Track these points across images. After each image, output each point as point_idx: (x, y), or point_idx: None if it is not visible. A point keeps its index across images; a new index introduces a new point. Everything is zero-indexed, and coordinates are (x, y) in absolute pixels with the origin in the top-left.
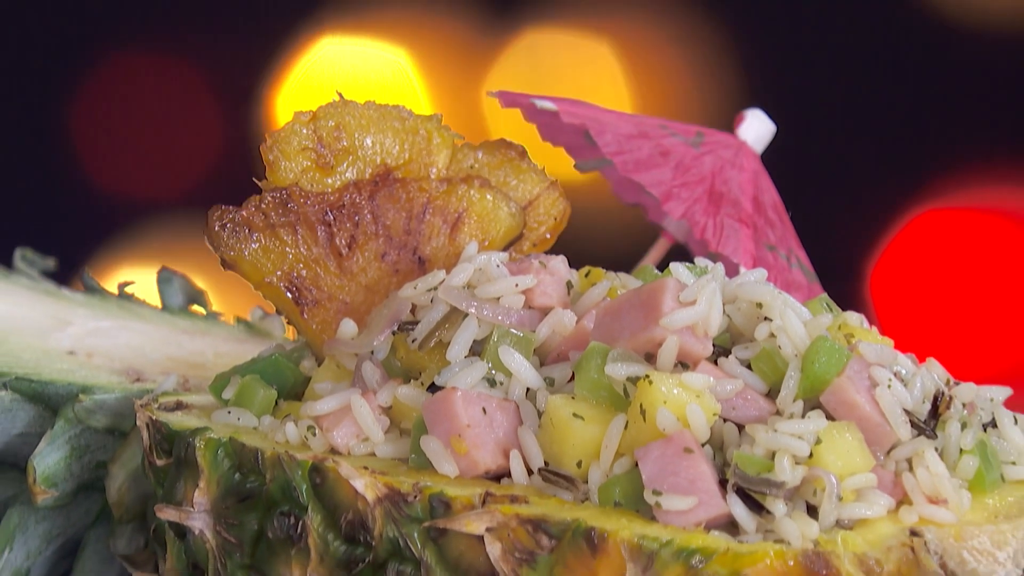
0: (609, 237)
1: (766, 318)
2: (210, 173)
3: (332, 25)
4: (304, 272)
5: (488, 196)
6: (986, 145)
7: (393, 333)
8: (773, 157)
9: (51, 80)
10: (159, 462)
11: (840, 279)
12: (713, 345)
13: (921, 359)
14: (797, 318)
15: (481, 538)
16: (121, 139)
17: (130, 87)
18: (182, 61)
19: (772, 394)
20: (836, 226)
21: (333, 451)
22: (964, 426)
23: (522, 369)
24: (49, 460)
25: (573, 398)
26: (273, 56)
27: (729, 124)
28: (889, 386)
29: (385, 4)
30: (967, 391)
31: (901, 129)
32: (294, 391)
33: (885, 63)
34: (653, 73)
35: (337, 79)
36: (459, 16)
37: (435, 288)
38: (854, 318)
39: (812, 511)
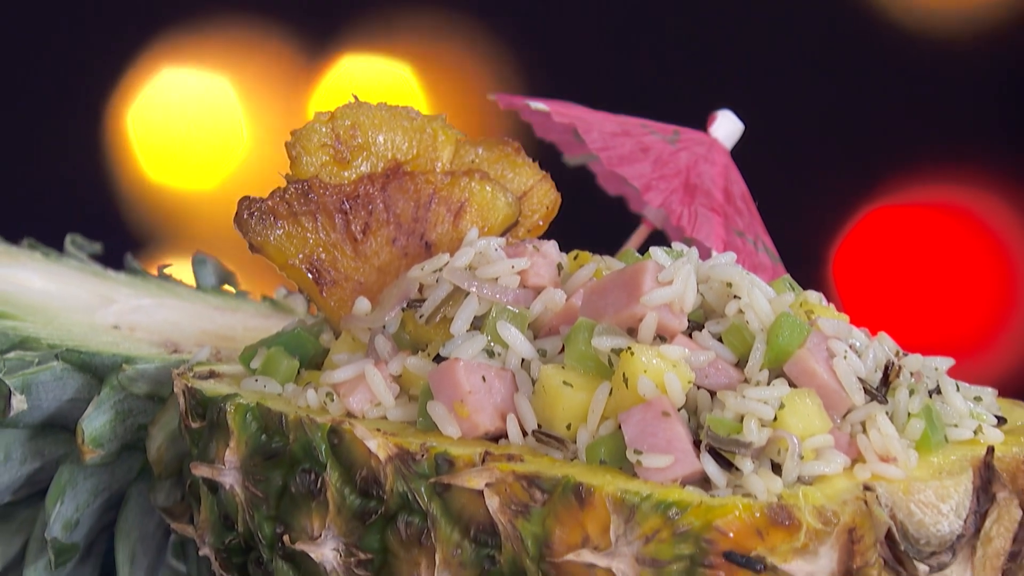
0: (595, 224)
1: (735, 296)
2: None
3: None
4: (323, 255)
5: (487, 187)
6: (930, 150)
7: (403, 310)
8: (742, 153)
9: (112, 87)
10: (194, 425)
11: (804, 263)
12: (688, 320)
13: (873, 333)
14: (763, 296)
15: (481, 492)
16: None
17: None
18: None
19: (741, 364)
20: (800, 216)
21: (349, 415)
22: (912, 392)
23: (517, 342)
24: (96, 423)
25: (563, 367)
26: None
27: (702, 123)
28: (845, 357)
29: None
30: (914, 361)
31: (858, 134)
32: (314, 361)
33: (844, 73)
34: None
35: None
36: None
37: (440, 269)
38: (814, 296)
39: (776, 468)
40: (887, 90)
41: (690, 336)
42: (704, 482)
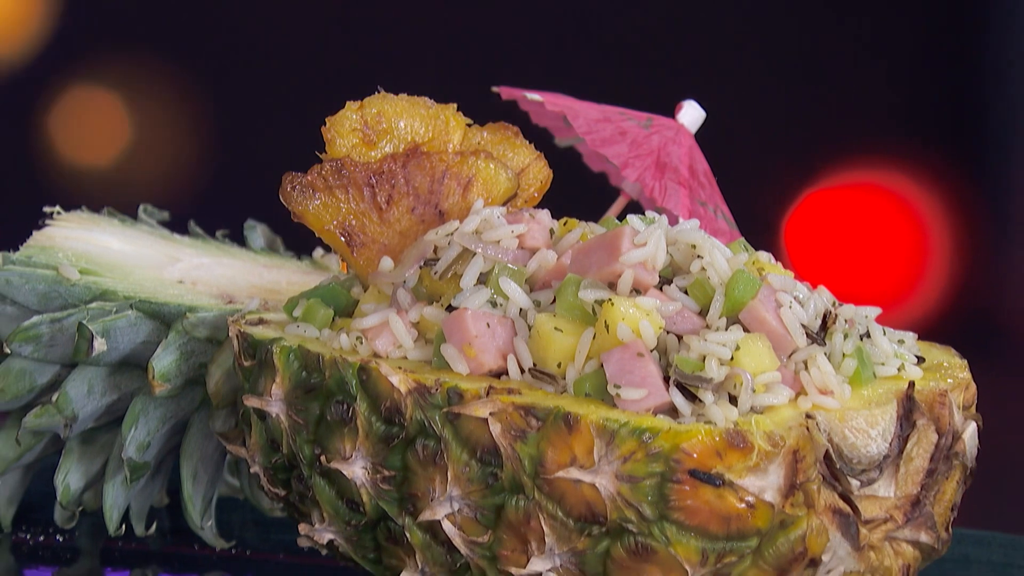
0: (581, 196)
1: (699, 256)
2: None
3: None
4: (354, 222)
5: (491, 165)
6: (858, 145)
7: (420, 267)
8: (705, 138)
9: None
10: (246, 363)
11: (758, 231)
12: (659, 276)
13: (814, 287)
14: (722, 256)
15: (486, 420)
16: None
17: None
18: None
19: (703, 313)
20: (753, 192)
21: (375, 355)
22: (846, 336)
23: (516, 294)
24: (164, 362)
25: (554, 316)
26: None
27: (671, 111)
28: (790, 306)
29: None
30: (848, 310)
31: (802, 128)
32: (346, 311)
33: (792, 77)
34: None
35: None
36: None
37: (451, 234)
38: (764, 256)
39: (733, 400)
40: (825, 94)
41: (660, 289)
42: (672, 411)
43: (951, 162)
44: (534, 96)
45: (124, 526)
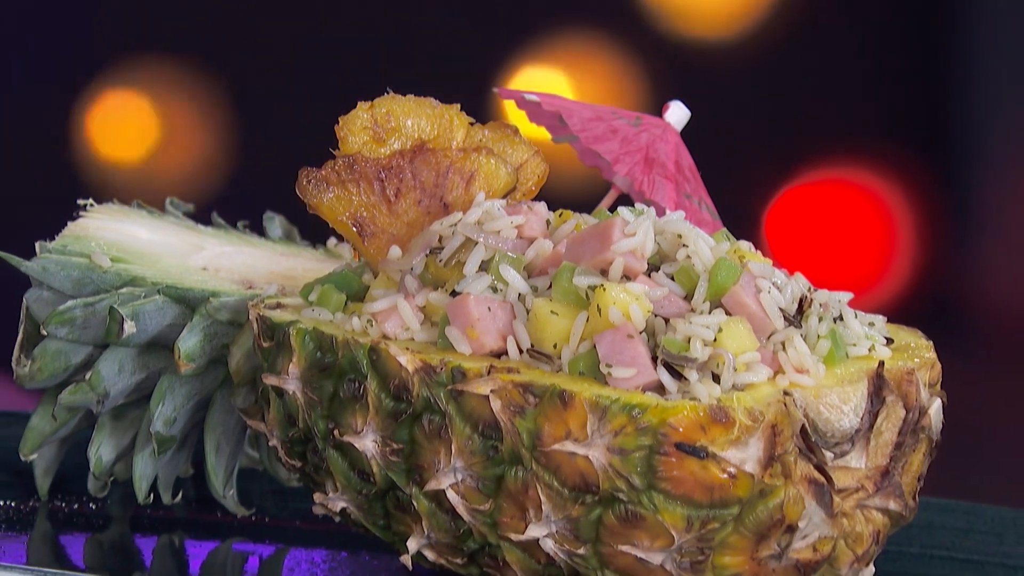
0: (575, 189)
1: (684, 245)
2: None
3: None
4: (365, 214)
5: (492, 160)
6: (832, 144)
7: (426, 255)
8: (690, 136)
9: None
10: (265, 344)
11: (740, 223)
12: (647, 263)
13: (791, 273)
14: (705, 245)
15: (487, 397)
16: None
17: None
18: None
19: (688, 298)
20: (735, 187)
21: (385, 337)
22: (820, 319)
23: (515, 280)
24: (189, 343)
25: (551, 300)
26: None
27: (658, 111)
28: (769, 292)
29: None
30: (822, 295)
31: (781, 130)
32: (358, 295)
33: (770, 80)
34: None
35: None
36: None
37: (455, 224)
38: (745, 244)
39: (716, 378)
40: (802, 98)
41: (649, 276)
42: (660, 389)
43: (916, 161)
44: (532, 97)
45: (152, 495)
